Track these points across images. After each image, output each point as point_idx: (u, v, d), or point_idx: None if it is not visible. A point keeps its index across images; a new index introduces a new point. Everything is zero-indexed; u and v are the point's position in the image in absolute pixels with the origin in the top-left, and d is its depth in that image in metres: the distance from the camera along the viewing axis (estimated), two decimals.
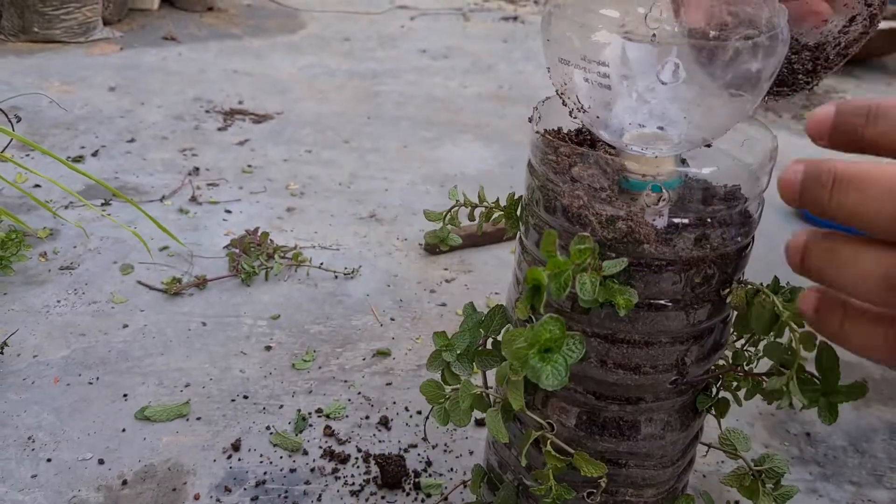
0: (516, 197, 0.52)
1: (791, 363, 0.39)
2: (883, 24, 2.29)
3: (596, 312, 0.42)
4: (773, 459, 0.52)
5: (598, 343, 0.44)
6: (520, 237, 0.48)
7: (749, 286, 0.42)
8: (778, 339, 0.41)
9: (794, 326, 0.39)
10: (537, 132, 0.44)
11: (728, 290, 0.43)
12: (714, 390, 0.50)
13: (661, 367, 0.44)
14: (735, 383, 0.48)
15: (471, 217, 0.56)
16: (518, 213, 0.51)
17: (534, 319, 0.42)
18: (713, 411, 0.50)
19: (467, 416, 0.48)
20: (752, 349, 0.49)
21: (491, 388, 0.51)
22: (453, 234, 0.57)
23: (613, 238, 0.40)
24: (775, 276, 0.43)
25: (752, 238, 0.45)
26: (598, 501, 0.48)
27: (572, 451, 0.46)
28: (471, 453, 0.74)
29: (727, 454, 0.54)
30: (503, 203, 0.54)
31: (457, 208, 0.56)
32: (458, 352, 0.49)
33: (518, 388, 0.41)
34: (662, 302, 0.42)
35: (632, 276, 0.41)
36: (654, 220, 0.39)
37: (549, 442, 0.46)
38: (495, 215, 0.54)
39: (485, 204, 0.55)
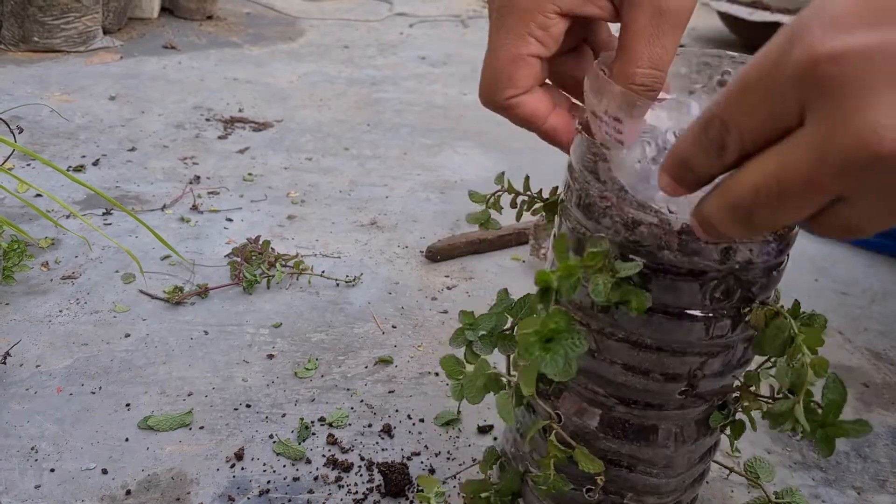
0: (559, 191, 0.53)
1: (799, 388, 0.38)
2: None
3: (612, 312, 0.43)
4: (794, 494, 0.53)
5: (612, 343, 0.44)
6: (554, 233, 0.49)
7: (769, 307, 0.42)
8: (789, 364, 0.40)
9: (807, 351, 0.39)
10: (579, 130, 0.44)
11: (748, 308, 0.42)
12: (730, 409, 0.49)
13: (670, 376, 0.44)
14: (745, 403, 0.48)
15: (513, 204, 0.56)
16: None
17: None
18: (728, 431, 0.50)
19: (480, 394, 0.48)
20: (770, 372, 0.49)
21: (514, 375, 0.51)
22: (494, 219, 0.57)
23: (635, 241, 0.40)
24: (796, 301, 0.42)
25: (786, 258, 0.44)
26: (596, 500, 0.48)
27: (574, 444, 0.47)
28: (473, 461, 0.74)
29: (750, 482, 0.53)
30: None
31: (500, 193, 0.56)
32: (482, 333, 0.49)
33: (531, 374, 0.42)
34: (678, 311, 0.42)
35: (650, 280, 0.41)
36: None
37: (554, 433, 0.47)
38: (536, 206, 0.54)
39: (528, 193, 0.55)
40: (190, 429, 0.76)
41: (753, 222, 0.30)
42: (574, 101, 0.46)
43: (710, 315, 0.42)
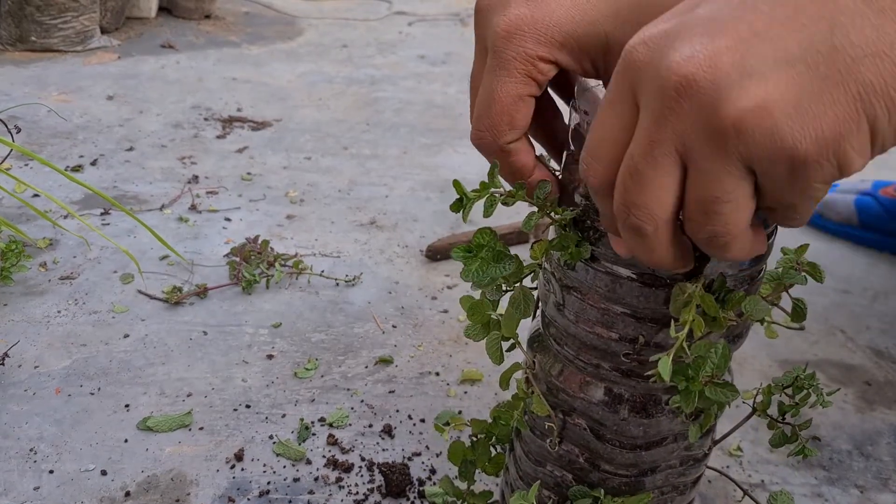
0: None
1: (676, 343, 0.39)
2: None
3: (580, 269, 0.45)
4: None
5: (573, 298, 0.46)
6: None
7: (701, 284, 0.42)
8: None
9: (693, 311, 0.40)
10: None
11: (692, 281, 0.42)
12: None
13: (614, 336, 0.45)
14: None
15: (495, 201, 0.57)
16: None
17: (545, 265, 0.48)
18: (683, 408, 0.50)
19: (481, 334, 0.50)
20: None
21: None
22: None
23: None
24: (721, 274, 0.42)
25: (763, 266, 0.45)
26: (554, 446, 0.50)
27: (535, 387, 0.50)
28: None
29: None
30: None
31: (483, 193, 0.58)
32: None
33: (512, 320, 0.47)
34: (617, 270, 0.43)
35: (601, 237, 0.43)
36: None
37: (526, 377, 0.51)
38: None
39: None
40: (189, 430, 0.76)
41: (628, 206, 0.33)
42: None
43: (651, 282, 0.42)
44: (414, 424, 0.79)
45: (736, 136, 0.29)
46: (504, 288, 0.48)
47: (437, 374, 0.87)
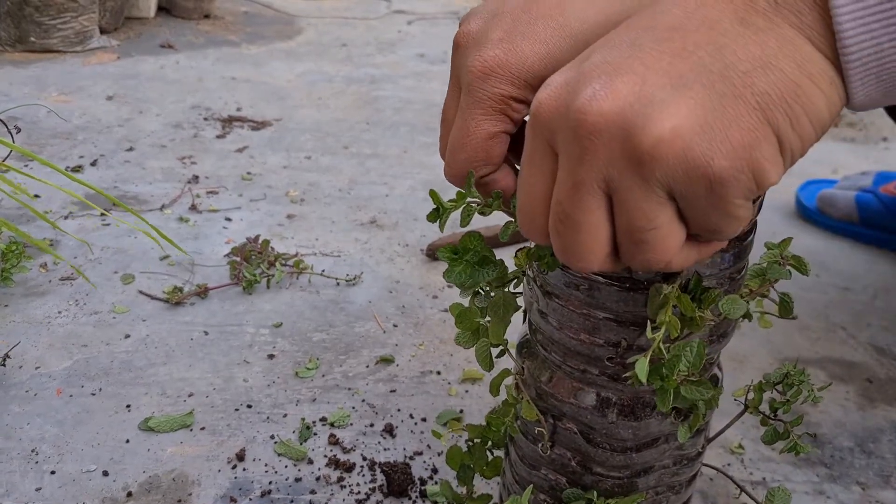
0: None
1: (653, 343, 0.40)
2: None
3: (559, 276, 0.45)
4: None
5: (555, 304, 0.46)
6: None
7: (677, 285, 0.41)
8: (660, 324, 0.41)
9: (670, 311, 0.40)
10: None
11: (669, 282, 0.42)
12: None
13: (598, 341, 0.45)
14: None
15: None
16: None
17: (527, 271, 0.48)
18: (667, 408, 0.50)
19: (471, 341, 0.50)
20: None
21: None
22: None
23: None
24: (696, 273, 0.42)
25: (745, 263, 0.44)
26: (546, 450, 0.51)
27: (524, 393, 0.50)
28: None
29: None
30: None
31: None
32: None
33: (498, 326, 0.47)
34: (595, 276, 0.43)
35: None
36: None
37: (515, 383, 0.52)
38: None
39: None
40: (191, 430, 0.76)
41: (566, 252, 0.35)
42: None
43: (631, 286, 0.42)
44: (415, 424, 0.79)
45: (651, 162, 0.30)
46: (492, 294, 0.48)
47: (439, 373, 0.87)
